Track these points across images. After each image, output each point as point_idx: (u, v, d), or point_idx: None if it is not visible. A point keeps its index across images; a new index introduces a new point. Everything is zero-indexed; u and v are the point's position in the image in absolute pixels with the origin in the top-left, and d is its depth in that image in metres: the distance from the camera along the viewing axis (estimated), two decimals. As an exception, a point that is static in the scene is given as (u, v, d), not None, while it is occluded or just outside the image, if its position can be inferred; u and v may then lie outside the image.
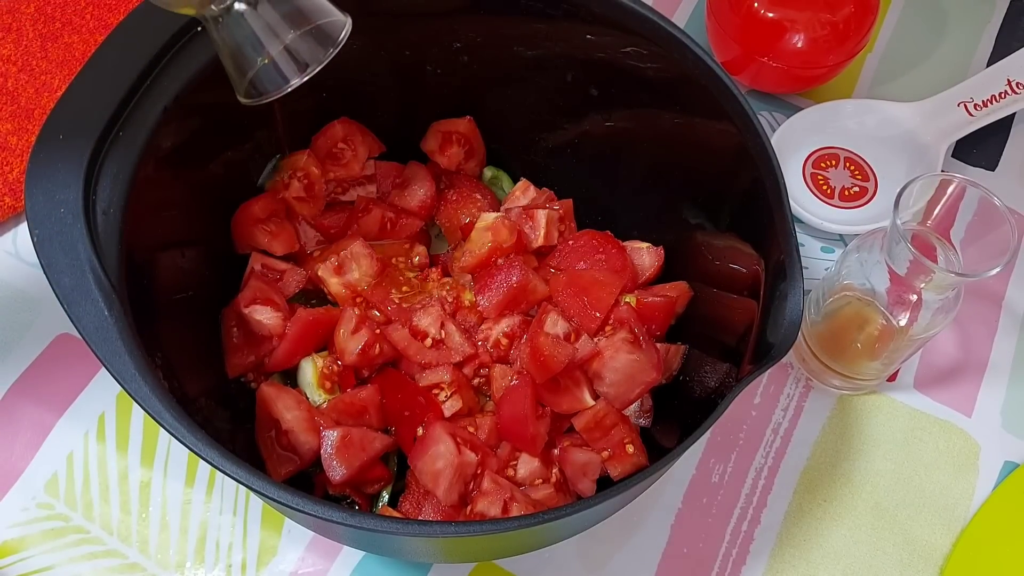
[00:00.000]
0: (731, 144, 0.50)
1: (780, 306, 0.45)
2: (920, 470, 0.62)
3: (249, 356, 0.54)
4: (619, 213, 0.62)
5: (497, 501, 0.50)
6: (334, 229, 0.59)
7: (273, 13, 0.37)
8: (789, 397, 0.64)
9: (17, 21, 0.72)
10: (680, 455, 0.43)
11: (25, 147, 0.67)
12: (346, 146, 0.60)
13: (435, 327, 0.54)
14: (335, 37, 0.38)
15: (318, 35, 0.38)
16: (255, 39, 0.37)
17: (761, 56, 0.70)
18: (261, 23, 0.37)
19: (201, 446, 0.39)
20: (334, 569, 0.56)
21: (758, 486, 0.60)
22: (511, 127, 0.63)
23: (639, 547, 0.58)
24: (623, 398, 0.53)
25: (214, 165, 0.55)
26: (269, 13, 0.37)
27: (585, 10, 0.53)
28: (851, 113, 0.73)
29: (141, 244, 0.46)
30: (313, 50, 0.38)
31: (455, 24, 0.57)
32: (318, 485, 0.53)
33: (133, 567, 0.56)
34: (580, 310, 0.54)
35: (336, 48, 0.38)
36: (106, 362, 0.40)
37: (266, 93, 0.39)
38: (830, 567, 0.58)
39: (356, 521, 0.39)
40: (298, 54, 0.38)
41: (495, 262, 0.56)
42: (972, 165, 0.74)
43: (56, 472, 0.58)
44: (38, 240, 0.42)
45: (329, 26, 0.38)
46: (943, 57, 0.79)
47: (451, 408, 0.53)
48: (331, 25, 0.38)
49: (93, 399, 0.60)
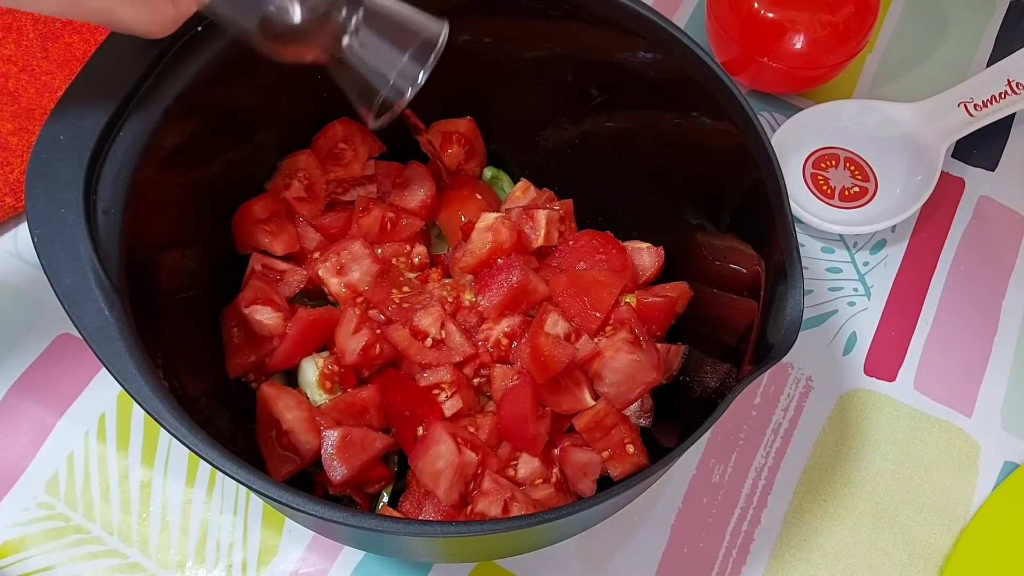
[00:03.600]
0: (731, 144, 0.50)
1: (780, 306, 0.45)
2: (920, 470, 0.62)
3: (250, 356, 0.54)
4: (619, 213, 0.62)
5: (497, 501, 0.50)
6: (334, 229, 0.59)
7: (379, 40, 0.39)
8: (789, 397, 0.64)
9: (18, 21, 0.72)
10: (680, 455, 0.43)
11: (26, 147, 0.67)
12: (346, 146, 0.60)
13: (435, 327, 0.54)
14: (434, 43, 0.40)
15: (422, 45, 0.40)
16: (373, 70, 0.39)
17: (761, 56, 0.70)
18: (374, 54, 0.39)
19: (201, 446, 0.39)
20: (334, 569, 0.56)
21: (758, 486, 0.60)
22: (511, 127, 0.63)
23: (639, 547, 0.58)
24: (623, 398, 0.53)
25: (214, 165, 0.55)
26: (375, 42, 0.39)
27: (586, 11, 0.53)
28: (851, 113, 0.73)
29: (142, 244, 0.46)
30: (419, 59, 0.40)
31: (456, 24, 0.57)
32: (318, 485, 0.53)
33: (133, 567, 0.56)
34: (580, 310, 0.54)
35: (438, 53, 0.40)
36: (106, 362, 0.40)
37: (388, 112, 0.41)
38: (830, 567, 0.58)
39: (356, 521, 0.39)
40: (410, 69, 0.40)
41: (495, 262, 0.56)
42: (972, 165, 0.74)
43: (57, 472, 0.58)
44: (39, 240, 0.42)
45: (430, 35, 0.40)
46: (943, 57, 0.79)
47: (451, 408, 0.53)
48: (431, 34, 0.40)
49: (93, 399, 0.60)
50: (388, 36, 0.39)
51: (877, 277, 0.69)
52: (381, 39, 0.39)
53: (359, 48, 0.39)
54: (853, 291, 0.68)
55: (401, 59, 0.39)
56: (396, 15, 0.39)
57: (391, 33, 0.39)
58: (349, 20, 0.38)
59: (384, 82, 0.39)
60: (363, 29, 0.38)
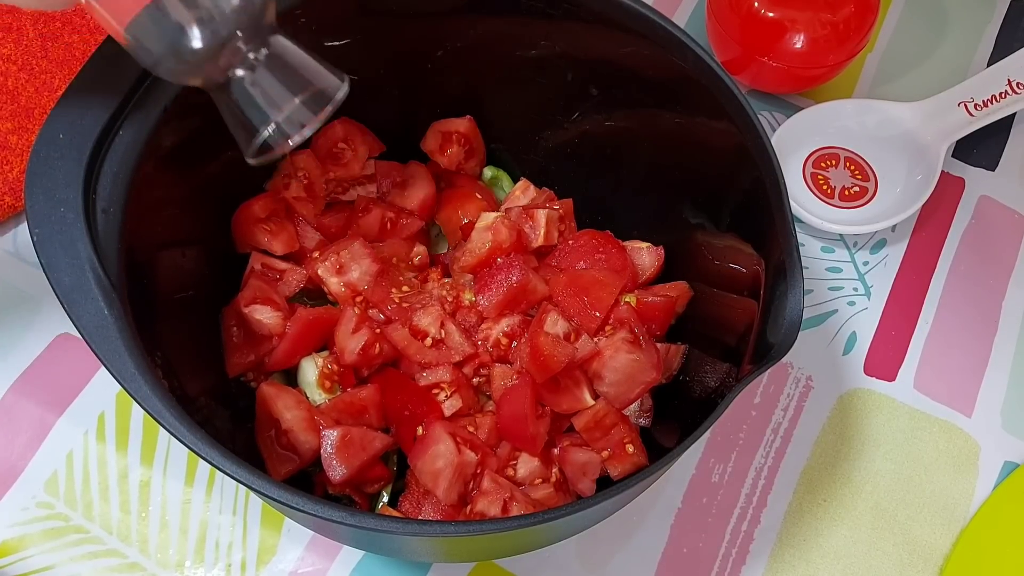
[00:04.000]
0: (731, 144, 0.50)
1: (780, 306, 0.45)
2: (920, 470, 0.62)
3: (249, 355, 0.54)
4: (619, 213, 0.62)
5: (497, 501, 0.50)
6: (334, 229, 0.59)
7: (273, 81, 0.39)
8: (789, 397, 0.64)
9: (17, 20, 0.71)
10: (680, 455, 0.43)
11: (25, 146, 0.67)
12: (346, 146, 0.60)
13: (435, 327, 0.54)
14: (331, 96, 0.40)
15: (317, 96, 0.40)
16: (259, 107, 0.39)
17: (761, 56, 0.70)
18: (262, 92, 0.39)
19: (201, 445, 0.39)
20: (334, 568, 0.56)
21: (758, 486, 0.60)
22: (511, 127, 0.63)
23: (639, 547, 0.58)
24: (623, 398, 0.53)
25: (214, 164, 0.55)
26: (269, 81, 0.39)
27: (585, 10, 0.53)
28: (851, 113, 0.73)
29: (141, 243, 0.46)
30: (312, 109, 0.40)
31: (455, 24, 0.57)
32: (318, 485, 0.53)
33: (133, 566, 0.56)
34: (580, 310, 0.54)
35: (335, 106, 0.40)
36: (106, 361, 0.40)
37: (269, 152, 0.41)
38: (830, 567, 0.58)
39: (356, 520, 0.39)
40: (298, 116, 0.40)
41: (495, 262, 0.56)
42: (972, 165, 0.74)
43: (56, 471, 0.58)
44: (38, 239, 0.42)
45: (327, 88, 0.40)
46: (943, 57, 0.79)
47: (451, 408, 0.53)
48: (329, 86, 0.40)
49: (93, 398, 0.60)
50: (284, 80, 0.39)
51: (877, 277, 0.69)
52: (276, 81, 0.39)
53: (250, 85, 0.39)
54: (853, 291, 0.68)
55: (292, 104, 0.39)
56: (299, 61, 0.40)
57: (288, 77, 0.39)
58: (248, 54, 0.38)
59: (266, 122, 0.39)
60: (260, 68, 0.39)
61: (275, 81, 0.39)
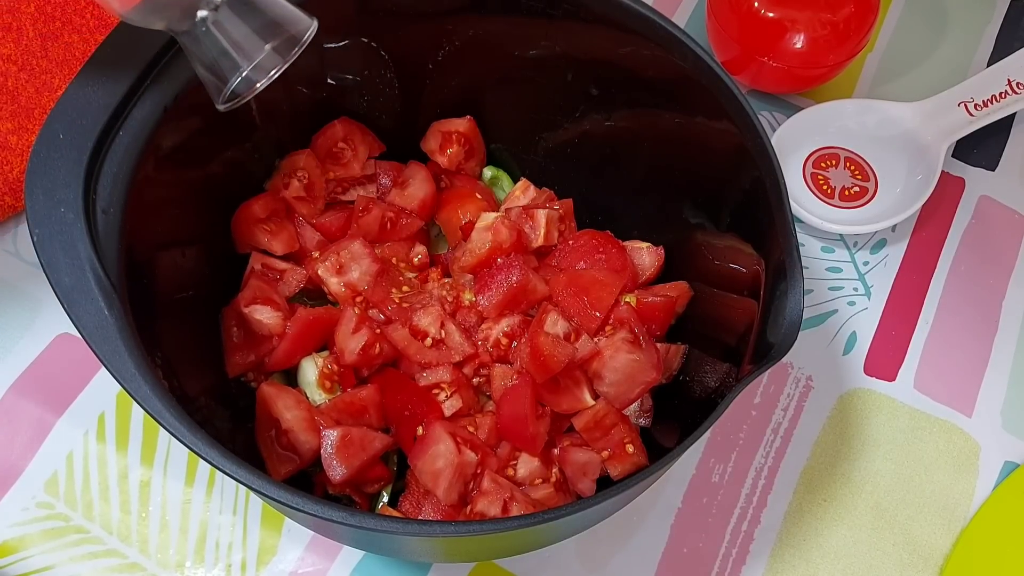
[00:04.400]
0: (731, 144, 0.50)
1: (780, 306, 0.45)
2: (920, 470, 0.62)
3: (249, 355, 0.54)
4: (619, 213, 0.62)
5: (497, 501, 0.50)
6: (334, 228, 0.59)
7: (243, 26, 0.38)
8: (789, 397, 0.64)
9: (17, 20, 0.71)
10: (680, 455, 0.43)
11: (25, 146, 0.67)
12: (346, 146, 0.60)
13: (435, 327, 0.54)
14: (300, 39, 0.39)
15: (288, 40, 0.39)
16: (228, 54, 0.38)
17: (761, 56, 0.70)
18: (232, 38, 0.38)
19: (201, 445, 0.39)
20: (334, 569, 0.56)
21: (758, 486, 0.60)
22: (511, 127, 0.63)
23: (639, 547, 0.58)
24: (623, 398, 0.53)
25: (214, 165, 0.55)
26: (236, 25, 0.38)
27: (585, 10, 0.53)
28: (851, 113, 0.73)
29: (141, 243, 0.46)
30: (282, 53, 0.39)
31: (455, 24, 0.57)
32: (318, 485, 0.53)
33: (133, 567, 0.56)
34: (580, 310, 0.54)
35: (301, 48, 0.40)
36: (106, 361, 0.40)
37: (239, 96, 0.40)
38: (830, 567, 0.58)
39: (356, 521, 0.39)
40: (267, 62, 0.39)
41: (495, 262, 0.56)
42: (972, 165, 0.74)
43: (56, 472, 0.58)
44: (38, 239, 0.42)
45: (297, 31, 0.39)
46: (943, 57, 0.79)
47: (451, 408, 0.53)
48: (299, 30, 0.39)
49: (93, 399, 0.60)
50: (251, 22, 0.38)
51: (877, 277, 0.69)
52: (243, 23, 0.38)
53: (215, 28, 0.38)
54: (853, 291, 0.68)
55: (261, 50, 0.38)
56: (264, 2, 0.38)
57: (255, 20, 0.38)
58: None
59: (236, 69, 0.38)
60: (224, 9, 0.38)
61: (242, 25, 0.38)
